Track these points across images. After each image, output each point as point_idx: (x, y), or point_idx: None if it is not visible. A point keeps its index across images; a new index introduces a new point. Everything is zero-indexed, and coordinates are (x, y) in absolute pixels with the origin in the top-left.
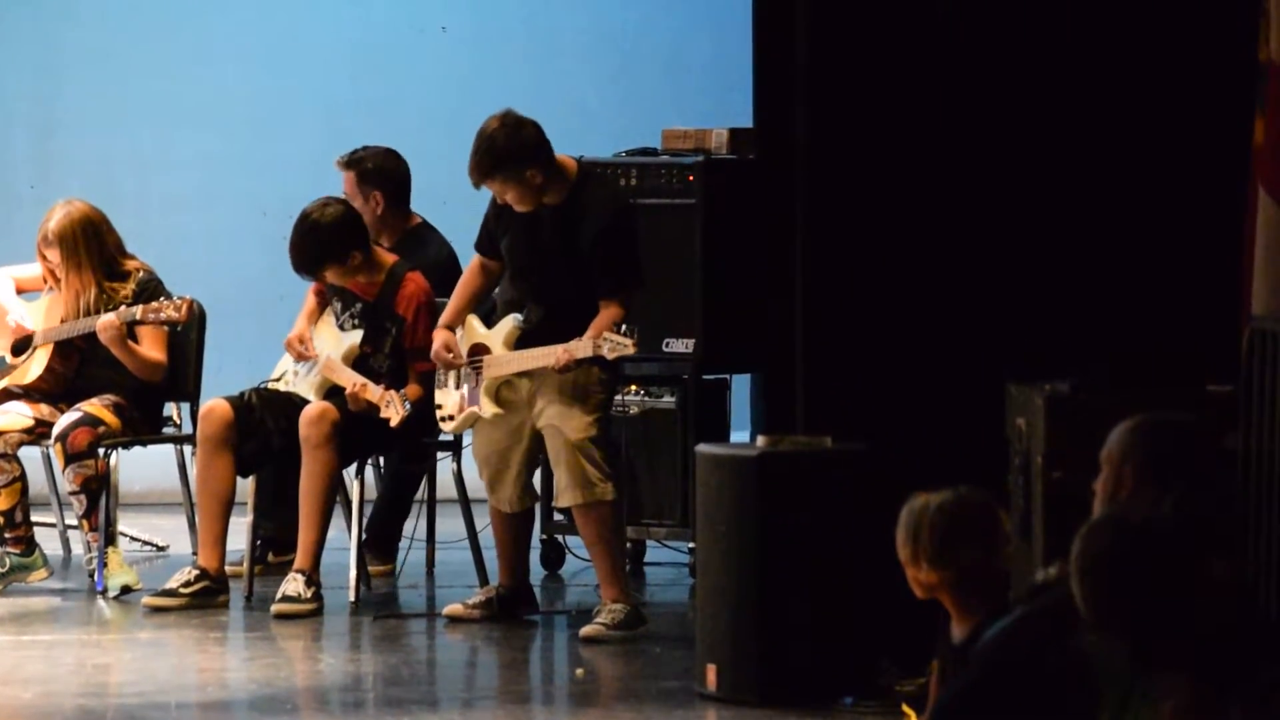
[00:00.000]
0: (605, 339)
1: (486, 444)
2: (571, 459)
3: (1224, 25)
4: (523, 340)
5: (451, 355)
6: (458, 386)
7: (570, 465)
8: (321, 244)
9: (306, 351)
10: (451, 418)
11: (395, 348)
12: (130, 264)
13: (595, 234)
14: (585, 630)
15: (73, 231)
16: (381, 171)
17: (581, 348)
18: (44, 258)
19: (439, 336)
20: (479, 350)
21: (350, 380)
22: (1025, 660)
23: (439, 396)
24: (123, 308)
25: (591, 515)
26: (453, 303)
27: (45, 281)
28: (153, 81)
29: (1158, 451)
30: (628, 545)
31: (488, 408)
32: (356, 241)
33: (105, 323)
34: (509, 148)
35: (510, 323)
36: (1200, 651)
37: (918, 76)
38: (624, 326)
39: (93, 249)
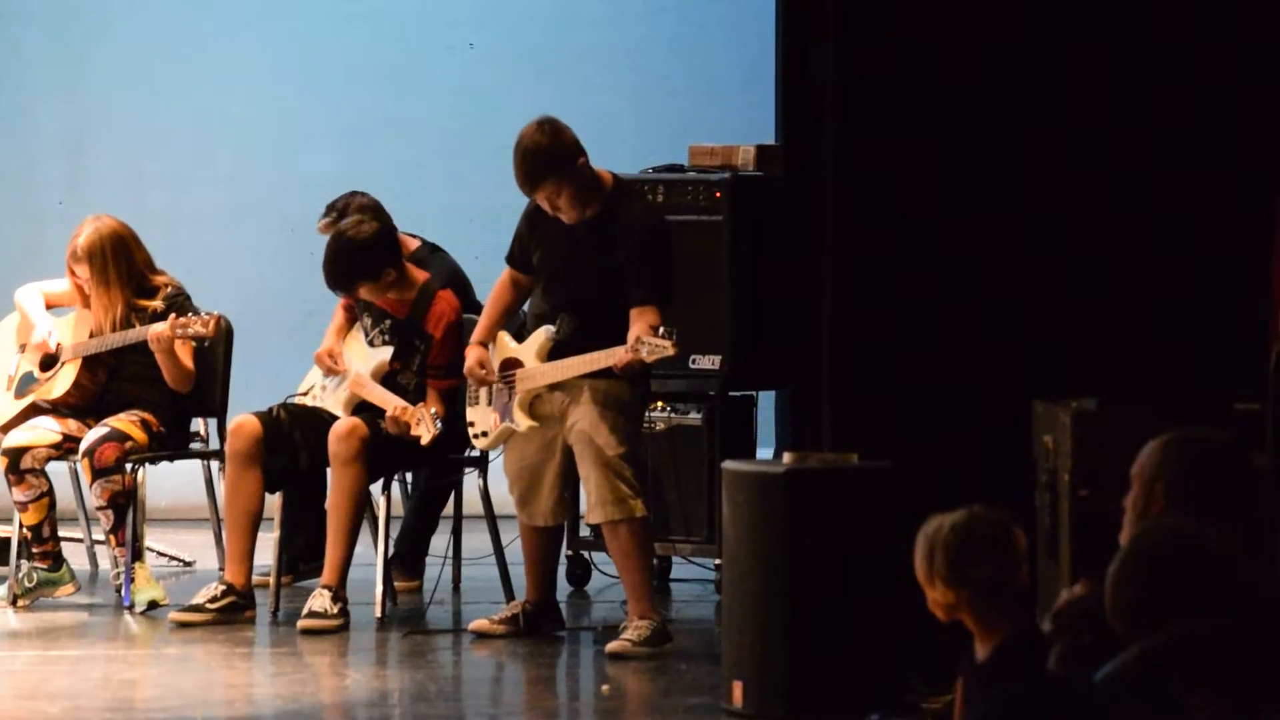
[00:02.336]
0: (643, 342)
1: (519, 460)
2: (602, 475)
3: (1254, 44)
4: (555, 352)
5: (485, 371)
6: (490, 403)
7: (601, 481)
8: (355, 262)
9: (336, 366)
10: (485, 434)
11: (423, 366)
12: (159, 279)
13: (630, 245)
14: (611, 646)
15: (101, 247)
16: (379, 213)
17: (626, 355)
18: (73, 273)
19: (472, 353)
20: (511, 365)
21: (387, 400)
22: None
23: (471, 414)
24: (153, 325)
25: (621, 532)
26: (484, 319)
27: (75, 297)
28: (181, 99)
29: (1191, 469)
30: (655, 562)
31: (522, 421)
32: (390, 259)
33: (157, 333)
34: (556, 149)
35: (543, 335)
36: (1231, 671)
37: (944, 93)
38: (661, 329)
39: (121, 265)
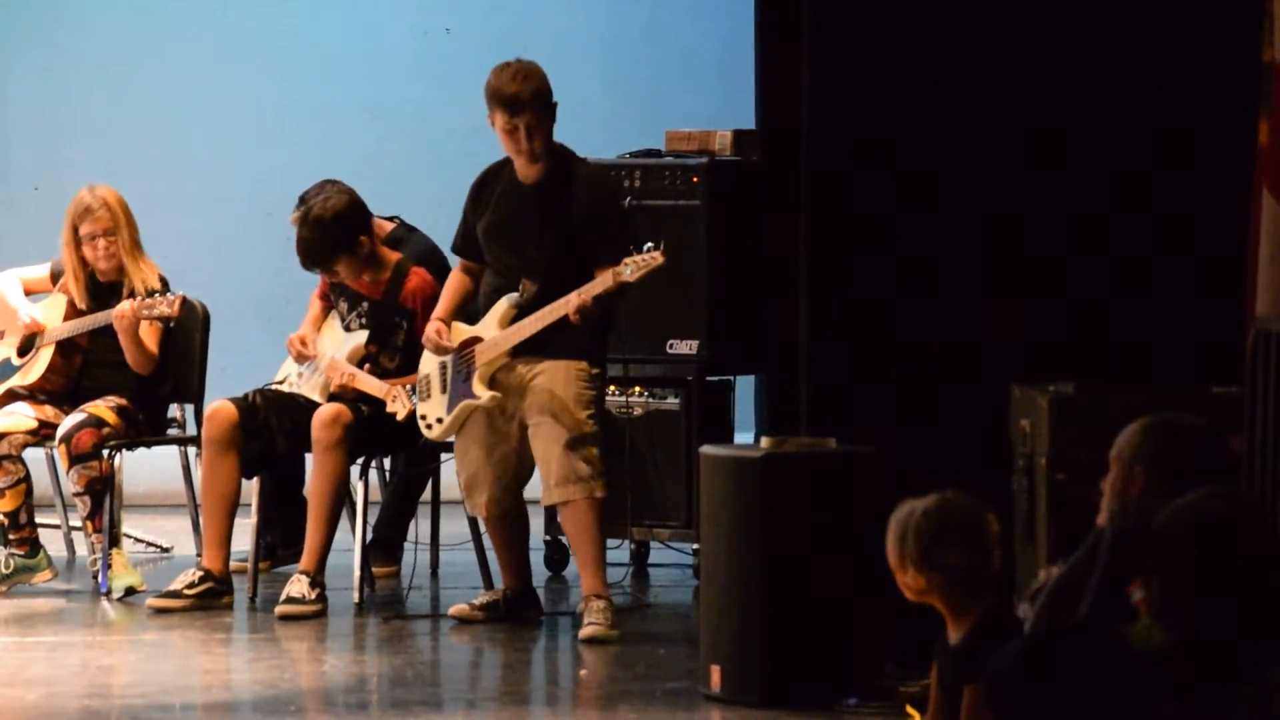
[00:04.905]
0: (626, 262)
1: (465, 449)
2: (563, 454)
3: (1228, 27)
4: (519, 319)
5: (443, 340)
6: (444, 391)
7: (562, 460)
8: (332, 236)
9: (306, 351)
10: (440, 420)
11: (409, 341)
12: (145, 263)
13: (584, 209)
14: (584, 632)
15: (127, 212)
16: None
17: (598, 283)
18: (74, 240)
19: (432, 324)
20: (468, 345)
21: (345, 372)
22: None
23: (421, 407)
24: (117, 306)
25: (580, 507)
26: (443, 301)
27: (52, 282)
28: (157, 85)
29: (1170, 452)
30: (632, 546)
31: (483, 393)
32: (363, 227)
33: (121, 312)
34: (546, 86)
35: (505, 304)
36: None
37: (920, 78)
38: (647, 244)
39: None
